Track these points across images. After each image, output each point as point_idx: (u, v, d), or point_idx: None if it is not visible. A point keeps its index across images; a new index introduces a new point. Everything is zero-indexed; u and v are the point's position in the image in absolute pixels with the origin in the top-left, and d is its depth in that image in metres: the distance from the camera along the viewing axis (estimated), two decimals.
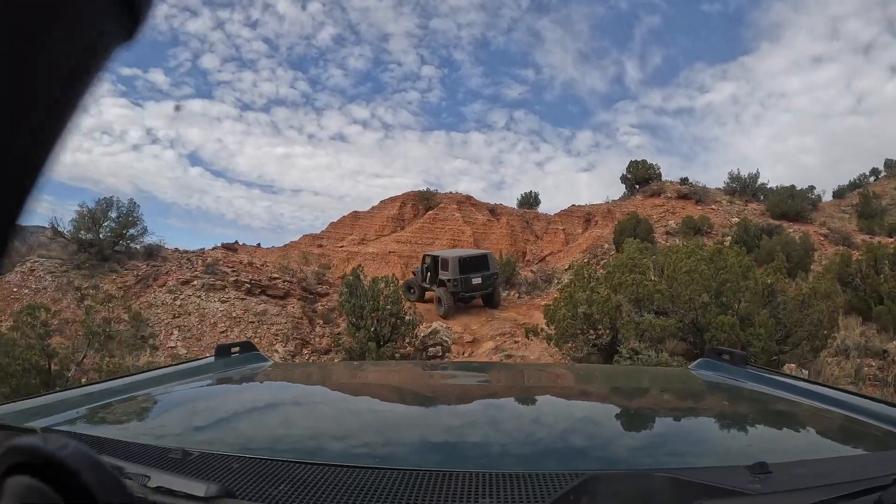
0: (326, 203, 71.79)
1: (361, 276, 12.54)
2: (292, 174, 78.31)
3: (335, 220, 31.42)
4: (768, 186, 28.91)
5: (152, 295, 14.85)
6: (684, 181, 30.81)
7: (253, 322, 13.79)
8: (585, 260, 19.14)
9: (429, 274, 15.73)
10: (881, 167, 34.91)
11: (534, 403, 1.60)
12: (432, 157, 68.60)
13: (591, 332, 7.98)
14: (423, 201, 29.02)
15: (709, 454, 1.13)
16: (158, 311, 14.26)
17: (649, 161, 31.11)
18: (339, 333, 13.37)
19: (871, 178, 34.46)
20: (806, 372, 8.26)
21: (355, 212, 31.18)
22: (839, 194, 32.65)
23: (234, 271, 15.59)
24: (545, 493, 0.76)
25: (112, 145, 71.84)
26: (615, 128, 68.93)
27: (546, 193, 69.44)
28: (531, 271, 19.47)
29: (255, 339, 13.32)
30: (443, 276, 14.82)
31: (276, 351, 12.96)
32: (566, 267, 19.17)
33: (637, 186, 30.63)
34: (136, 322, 10.77)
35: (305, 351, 13.13)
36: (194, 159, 78.31)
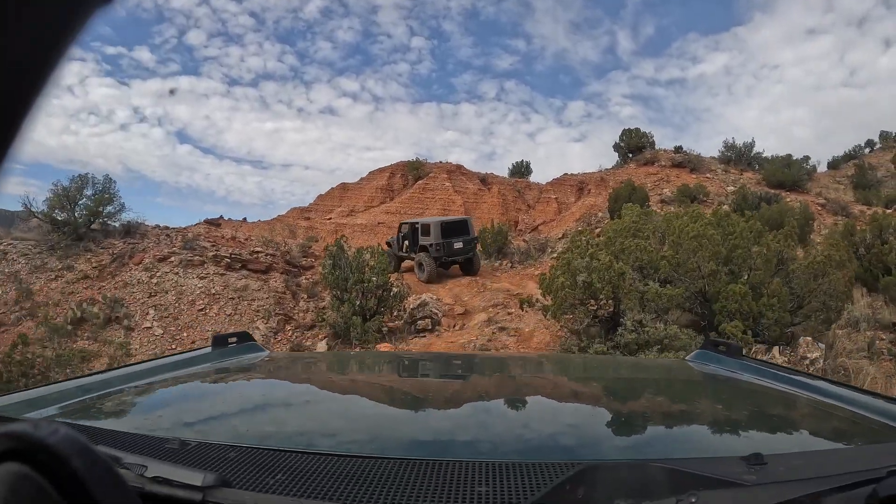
0: (317, 177, 70.59)
1: (345, 247, 11.70)
2: (282, 149, 76.79)
3: (323, 193, 30.39)
4: (763, 156, 28.23)
5: (128, 274, 13.90)
6: (678, 149, 30.21)
7: (233, 298, 12.94)
8: (579, 229, 18.38)
9: (405, 242, 15.45)
10: (874, 139, 34.55)
11: (530, 394, 1.57)
12: (423, 128, 67.29)
13: (592, 302, 7.22)
14: (413, 171, 27.97)
15: (705, 445, 1.11)
16: (134, 290, 13.36)
17: (642, 130, 30.29)
18: (323, 308, 12.58)
19: (867, 150, 34.09)
20: (823, 346, 7.60)
21: (344, 183, 30.11)
22: (834, 165, 32.25)
23: (213, 246, 14.66)
24: (542, 482, 0.76)
25: (99, 126, 69.91)
26: (607, 98, 67.86)
27: (537, 164, 68.64)
28: (524, 240, 18.70)
29: (236, 317, 12.51)
30: (424, 241, 14.50)
31: (258, 328, 12.16)
32: (560, 236, 18.42)
33: (630, 155, 30.00)
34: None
35: (288, 327, 12.35)
36: (183, 137, 76.52)
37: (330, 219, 26.26)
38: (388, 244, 16.26)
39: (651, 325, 6.76)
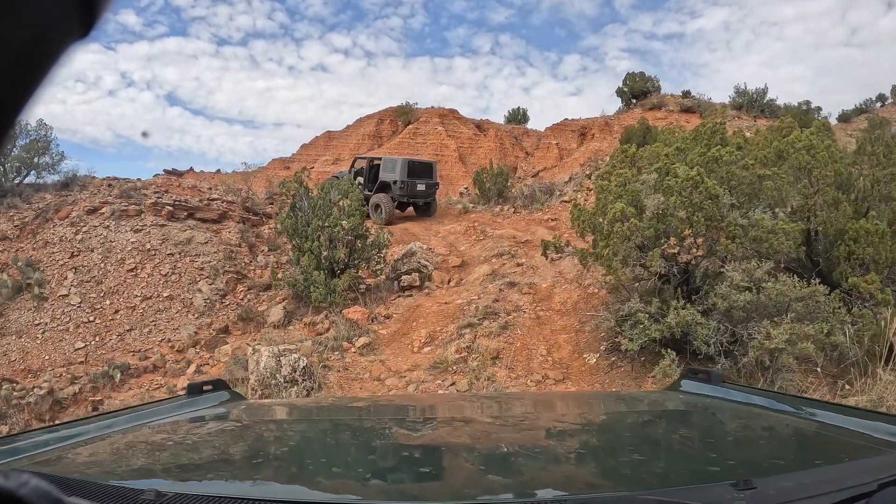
0: (310, 135, 66.24)
1: (306, 184, 8.68)
2: (273, 108, 72.18)
3: (307, 143, 26.92)
4: (776, 103, 25.14)
5: (51, 231, 10.77)
6: (686, 94, 27.01)
7: (172, 254, 9.94)
8: (587, 173, 15.36)
9: (358, 179, 13.23)
10: (874, 98, 31.50)
11: (517, 432, 1.42)
12: (416, 83, 63.06)
13: (671, 241, 4.30)
14: (403, 116, 24.47)
15: (693, 473, 1.04)
16: (55, 249, 10.29)
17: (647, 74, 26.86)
18: (286, 262, 9.65)
19: (878, 105, 30.98)
20: None
21: (329, 132, 26.64)
22: (844, 118, 29.16)
23: (156, 193, 11.52)
24: None
25: (87, 93, 64.98)
26: (604, 52, 63.38)
27: (532, 118, 64.72)
28: (525, 185, 15.71)
29: (173, 277, 9.55)
30: (386, 177, 12.90)
31: (200, 290, 9.24)
32: (566, 180, 15.40)
33: (634, 100, 26.73)
34: None
35: (241, 288, 9.44)
36: (172, 99, 71.71)
37: (312, 167, 22.96)
38: (336, 178, 13.53)
39: (772, 283, 3.88)
